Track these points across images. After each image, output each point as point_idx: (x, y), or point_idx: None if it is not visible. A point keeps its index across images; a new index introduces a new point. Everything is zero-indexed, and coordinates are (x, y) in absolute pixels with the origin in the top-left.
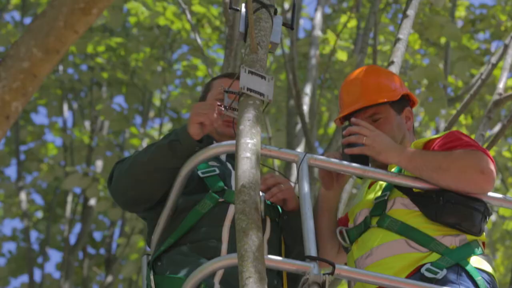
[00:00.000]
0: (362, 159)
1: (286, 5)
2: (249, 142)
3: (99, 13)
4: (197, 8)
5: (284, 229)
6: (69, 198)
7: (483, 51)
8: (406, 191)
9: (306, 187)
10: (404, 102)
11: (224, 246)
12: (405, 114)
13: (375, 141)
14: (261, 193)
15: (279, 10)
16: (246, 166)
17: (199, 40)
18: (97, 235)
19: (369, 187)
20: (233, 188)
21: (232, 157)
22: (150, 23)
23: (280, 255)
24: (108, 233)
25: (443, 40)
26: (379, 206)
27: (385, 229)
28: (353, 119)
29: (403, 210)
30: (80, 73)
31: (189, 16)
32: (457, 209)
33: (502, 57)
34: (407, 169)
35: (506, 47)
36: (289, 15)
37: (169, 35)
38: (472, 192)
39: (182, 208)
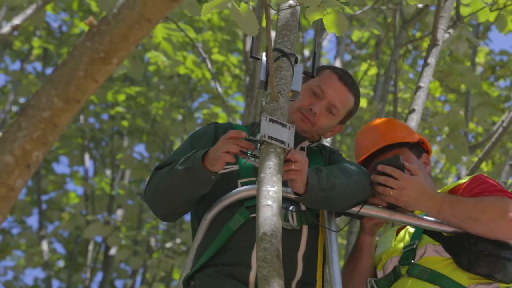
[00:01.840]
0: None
1: (306, 53)
2: (270, 189)
3: (120, 62)
4: (217, 56)
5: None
6: (91, 247)
7: (503, 98)
8: (437, 237)
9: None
10: (421, 148)
11: (253, 273)
12: (423, 159)
13: (401, 195)
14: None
15: (299, 57)
16: (268, 214)
17: (219, 88)
18: (119, 284)
19: (397, 233)
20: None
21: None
22: (170, 72)
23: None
24: (130, 282)
25: (463, 87)
26: (408, 255)
27: (415, 278)
28: (379, 166)
29: (436, 257)
30: (101, 122)
31: (209, 64)
32: (489, 261)
33: None
34: (436, 218)
35: None
36: (309, 63)
37: (189, 83)
38: (502, 239)
39: (217, 222)
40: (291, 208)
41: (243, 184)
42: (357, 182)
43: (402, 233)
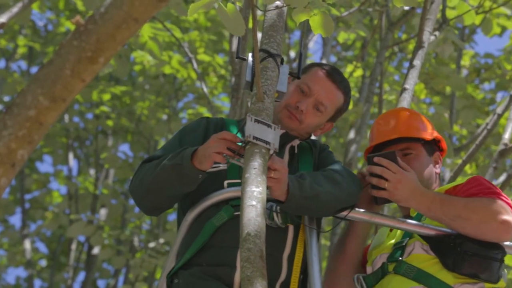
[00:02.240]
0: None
1: (292, 54)
2: (255, 190)
3: (106, 61)
4: (203, 57)
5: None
6: (73, 246)
7: (488, 100)
8: (425, 237)
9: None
10: (435, 146)
11: (238, 273)
12: (435, 157)
13: (396, 188)
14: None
15: (285, 59)
16: (252, 214)
17: (205, 89)
18: (101, 283)
19: (391, 229)
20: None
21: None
22: (156, 72)
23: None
24: (112, 281)
25: (448, 89)
26: (397, 253)
27: (402, 275)
28: (376, 158)
29: (423, 255)
30: (86, 121)
31: (195, 64)
32: (474, 261)
33: (507, 107)
34: (426, 216)
35: (511, 97)
36: (295, 64)
37: (174, 83)
38: (491, 241)
39: (202, 218)
40: (275, 206)
41: (229, 185)
42: (343, 190)
43: (395, 229)
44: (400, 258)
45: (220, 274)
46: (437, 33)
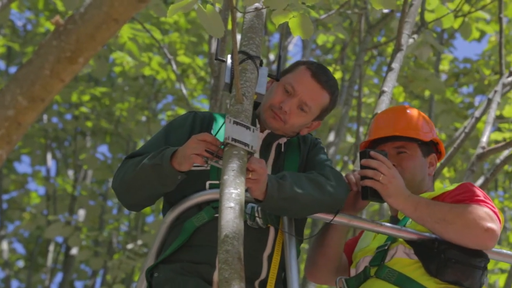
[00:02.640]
0: (378, 192)
1: (272, 57)
2: (233, 192)
3: (85, 62)
4: (182, 58)
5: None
6: (51, 247)
7: (466, 104)
8: (410, 241)
9: None
10: (432, 148)
11: (217, 272)
12: (430, 159)
13: (390, 182)
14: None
15: (264, 61)
16: (230, 216)
17: (184, 90)
18: (79, 285)
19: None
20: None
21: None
22: (135, 73)
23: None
24: (90, 283)
25: (427, 93)
26: (379, 256)
27: (383, 280)
28: (372, 153)
29: (405, 260)
30: (64, 122)
31: (174, 66)
32: (458, 268)
33: (485, 111)
34: (411, 217)
35: (489, 101)
36: (274, 66)
37: (154, 85)
38: (474, 248)
39: (185, 217)
40: (256, 208)
41: (211, 186)
42: (325, 194)
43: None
44: (382, 262)
45: (200, 272)
46: (415, 36)
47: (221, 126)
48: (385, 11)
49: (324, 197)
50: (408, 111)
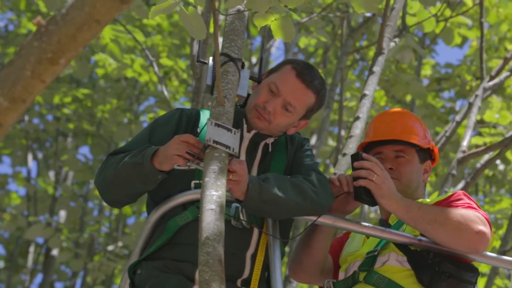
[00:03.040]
0: (370, 193)
1: (254, 59)
2: (214, 194)
3: (67, 63)
4: (165, 61)
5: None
6: (32, 248)
7: (448, 109)
8: (403, 249)
9: None
10: (428, 155)
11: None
12: (425, 166)
13: (383, 182)
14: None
15: (246, 64)
16: (211, 218)
17: (166, 93)
18: (59, 286)
19: (368, 237)
20: None
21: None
22: (117, 75)
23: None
24: (70, 284)
25: (408, 97)
26: (368, 261)
27: (372, 285)
28: (365, 155)
29: (396, 267)
30: (46, 123)
31: (156, 68)
32: (451, 283)
33: (466, 115)
34: (403, 219)
35: (470, 105)
36: (256, 69)
37: (136, 87)
38: (465, 251)
39: (169, 215)
40: (241, 208)
41: (196, 185)
42: (308, 200)
43: (371, 237)
44: (371, 268)
45: (182, 269)
46: (397, 39)
47: (202, 128)
48: (367, 14)
49: (305, 203)
50: (407, 115)
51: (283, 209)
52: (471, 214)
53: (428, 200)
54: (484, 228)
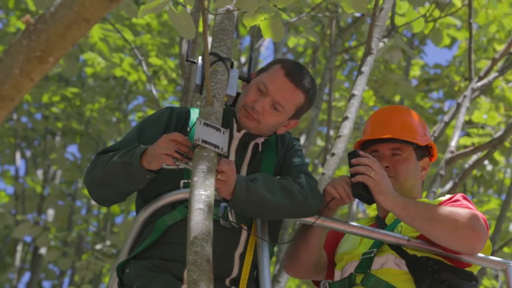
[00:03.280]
0: (368, 190)
1: (243, 59)
2: (203, 193)
3: (56, 61)
4: (154, 60)
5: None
6: (19, 247)
7: (436, 110)
8: (402, 254)
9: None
10: (426, 152)
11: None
12: (423, 163)
13: (381, 179)
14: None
15: (235, 64)
16: (199, 218)
17: (155, 92)
18: (47, 285)
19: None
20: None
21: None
22: (106, 74)
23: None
24: (58, 283)
25: (397, 98)
26: (365, 264)
27: None
28: (361, 152)
29: (395, 270)
30: (34, 122)
31: (145, 67)
32: None
33: (454, 116)
34: (400, 216)
35: (458, 106)
36: (245, 68)
37: (125, 86)
38: (461, 249)
39: (158, 214)
40: (229, 208)
41: (185, 185)
42: (295, 202)
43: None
44: (368, 270)
45: (171, 269)
46: (386, 40)
47: (192, 127)
48: (356, 15)
49: (293, 205)
50: (405, 112)
51: (269, 210)
52: (468, 213)
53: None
54: (481, 227)
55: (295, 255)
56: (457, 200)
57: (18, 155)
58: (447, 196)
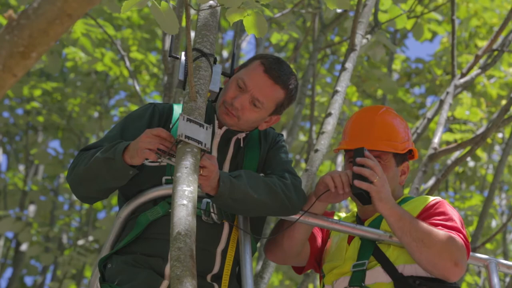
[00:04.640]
0: (367, 194)
1: (225, 54)
2: (186, 189)
3: (39, 57)
4: (135, 54)
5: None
6: (1, 242)
7: (418, 104)
8: (390, 272)
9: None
10: (406, 156)
11: (169, 266)
12: (403, 167)
13: (383, 186)
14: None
15: (218, 58)
16: (182, 213)
17: (137, 87)
18: (29, 280)
19: (349, 242)
20: None
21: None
22: (88, 69)
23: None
24: (40, 278)
25: (379, 92)
26: (358, 277)
27: None
28: (367, 153)
29: (385, 284)
30: (16, 116)
31: (127, 62)
32: None
33: (437, 112)
34: (392, 226)
35: (441, 102)
36: (228, 64)
37: (106, 80)
38: (437, 276)
39: (140, 210)
40: (212, 203)
41: (167, 181)
42: (278, 201)
43: (352, 246)
44: (363, 284)
45: (152, 264)
46: (369, 36)
47: (175, 123)
48: (339, 11)
49: (275, 204)
50: (386, 115)
51: (252, 208)
52: (455, 243)
53: (408, 203)
54: (463, 261)
55: (278, 241)
56: (442, 213)
57: None
58: (432, 201)
